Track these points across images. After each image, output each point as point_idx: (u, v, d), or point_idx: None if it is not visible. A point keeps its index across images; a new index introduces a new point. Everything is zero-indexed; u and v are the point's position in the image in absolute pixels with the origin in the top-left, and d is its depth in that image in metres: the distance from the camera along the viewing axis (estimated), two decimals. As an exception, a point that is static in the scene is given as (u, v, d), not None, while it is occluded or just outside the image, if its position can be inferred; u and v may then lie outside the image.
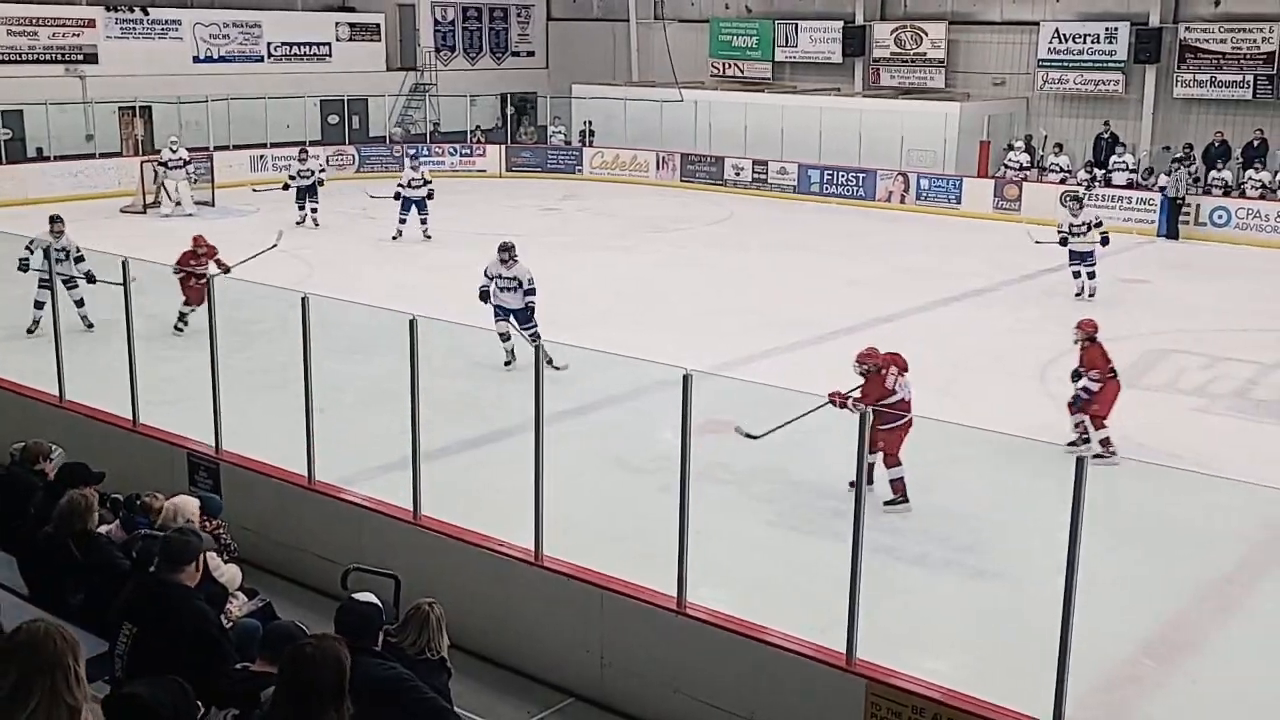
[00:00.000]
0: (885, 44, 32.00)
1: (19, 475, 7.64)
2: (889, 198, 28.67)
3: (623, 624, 7.44)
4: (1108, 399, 11.55)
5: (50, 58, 28.53)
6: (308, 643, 4.00)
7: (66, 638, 3.08)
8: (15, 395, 11.07)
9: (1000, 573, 9.27)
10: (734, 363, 14.02)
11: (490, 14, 37.41)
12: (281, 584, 8.52)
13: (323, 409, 8.95)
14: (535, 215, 26.77)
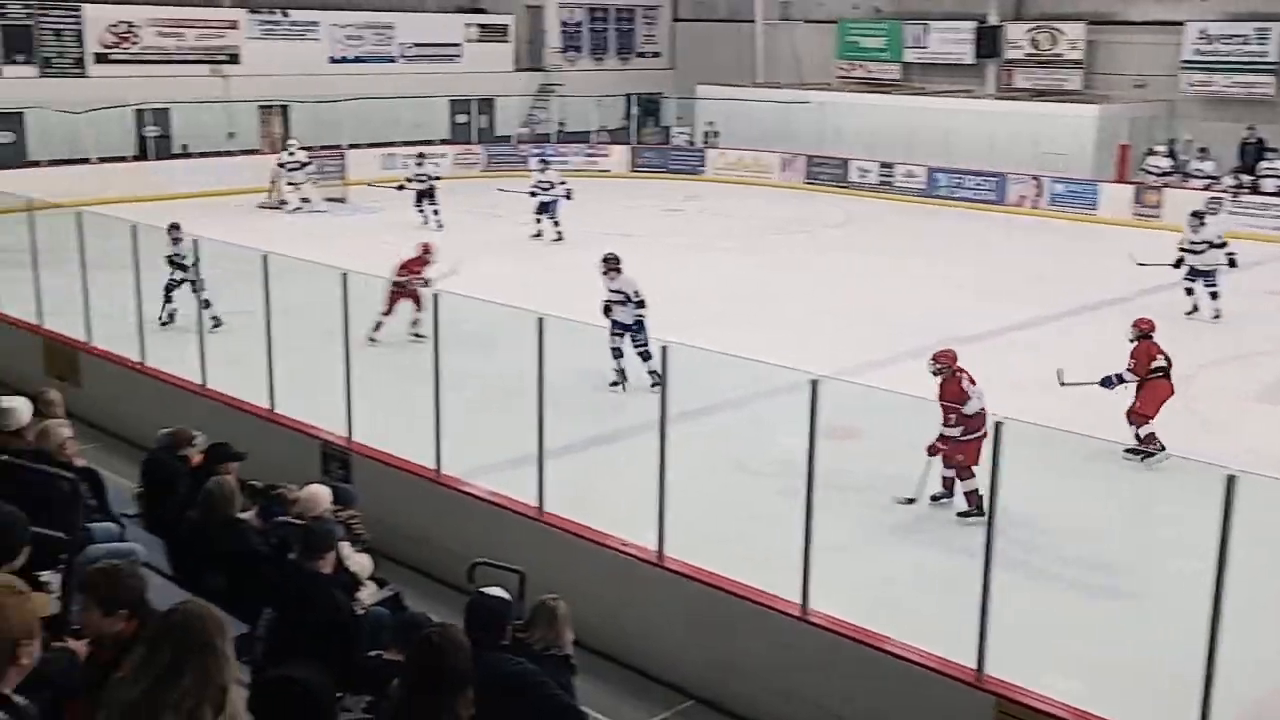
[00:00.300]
0: (1020, 45, 31.33)
1: (165, 460, 7.92)
2: (1021, 202, 28.03)
3: (744, 628, 7.42)
4: (1150, 398, 11.47)
5: (195, 58, 29.52)
6: (434, 631, 4.07)
7: (216, 619, 3.17)
8: (161, 382, 11.48)
9: (1134, 592, 9.01)
10: (856, 368, 13.85)
11: (617, 15, 37.62)
12: (408, 574, 8.68)
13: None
14: (657, 216, 26.84)
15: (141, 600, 3.93)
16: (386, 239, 22.41)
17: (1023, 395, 13.08)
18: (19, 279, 13.19)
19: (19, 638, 2.92)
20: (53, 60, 27.44)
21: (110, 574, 3.98)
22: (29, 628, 2.96)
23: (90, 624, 3.93)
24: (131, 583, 3.96)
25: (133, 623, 3.85)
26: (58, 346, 12.64)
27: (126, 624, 3.86)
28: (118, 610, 3.85)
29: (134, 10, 28.70)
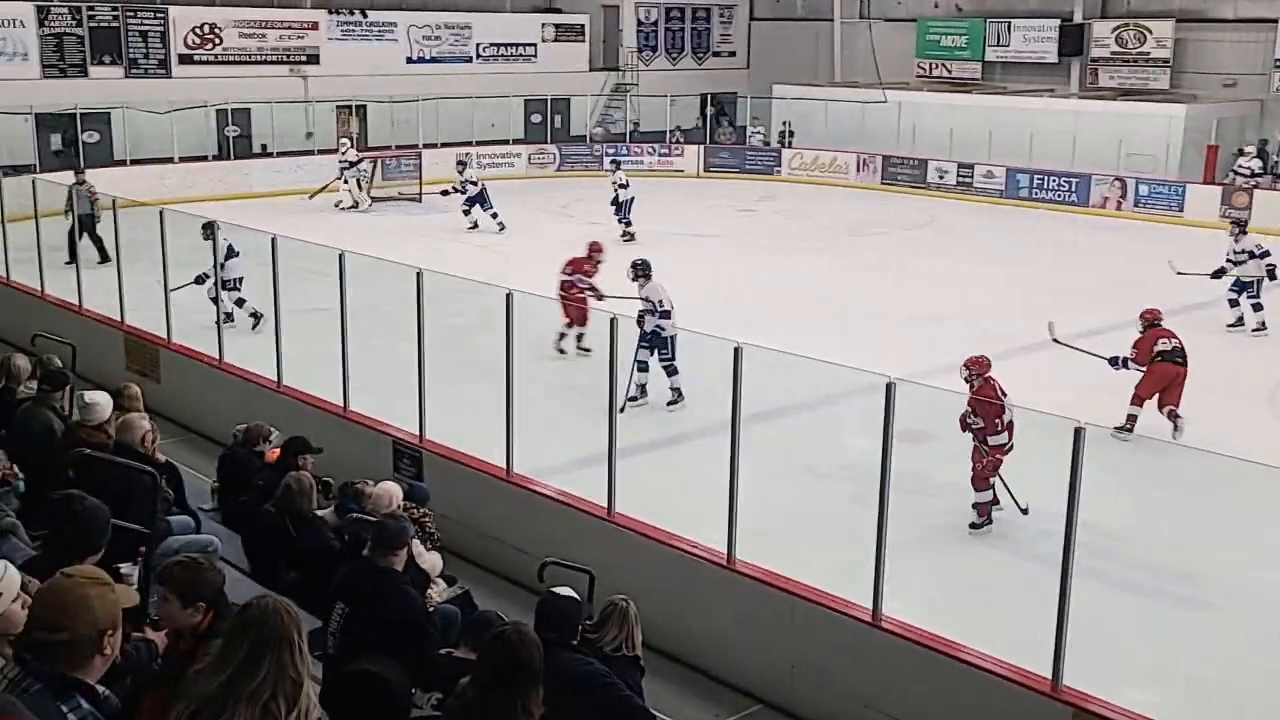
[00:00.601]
0: (1105, 43, 30.78)
1: (241, 455, 8.03)
2: (1104, 204, 27.51)
3: (814, 633, 7.34)
4: (1150, 380, 12.31)
5: (276, 59, 29.98)
6: (509, 628, 4.08)
7: (293, 614, 3.21)
8: (238, 379, 11.65)
9: (1215, 603, 8.78)
10: (930, 371, 13.55)
11: (693, 14, 37.55)
12: (478, 572, 8.71)
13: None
14: (731, 216, 26.75)
15: (219, 594, 4.01)
16: (459, 239, 22.63)
17: (1102, 402, 12.86)
18: (103, 275, 13.47)
19: (105, 629, 2.98)
20: (139, 61, 28.02)
21: (189, 567, 4.05)
22: (114, 619, 3.02)
23: (169, 616, 4.01)
24: (210, 576, 4.03)
25: (209, 615, 3.92)
26: (138, 342, 12.88)
27: (204, 616, 3.93)
28: (196, 603, 3.93)
29: (218, 12, 29.23)
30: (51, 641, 2.91)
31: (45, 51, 26.68)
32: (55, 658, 2.90)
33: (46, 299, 14.36)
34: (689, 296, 17.82)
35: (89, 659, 2.95)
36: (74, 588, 2.98)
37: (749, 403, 7.81)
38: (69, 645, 2.91)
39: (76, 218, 18.09)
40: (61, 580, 3.03)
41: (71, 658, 2.92)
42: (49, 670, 2.89)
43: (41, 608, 2.97)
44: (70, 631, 2.91)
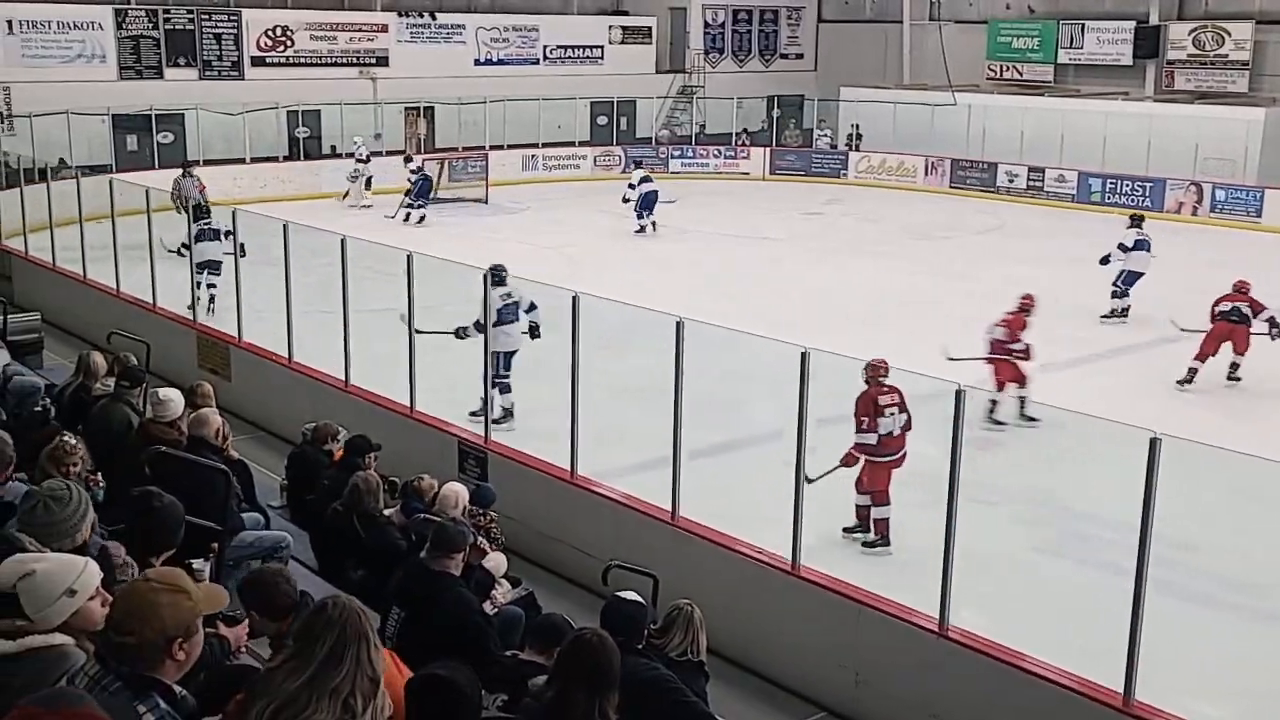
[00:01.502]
0: (1182, 45, 30.22)
1: (310, 454, 8.12)
2: (1179, 209, 27.00)
3: (880, 641, 7.28)
4: (1210, 339, 14.16)
5: (346, 61, 30.32)
6: (588, 632, 4.10)
7: (367, 614, 3.26)
8: (307, 377, 11.79)
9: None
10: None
11: (761, 16, 37.43)
12: (541, 574, 8.74)
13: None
14: (797, 219, 26.60)
15: (296, 602, 4.17)
16: (524, 240, 22.75)
17: (1180, 408, 12.66)
18: (177, 275, 13.70)
19: (174, 636, 3.00)
20: (212, 63, 28.48)
21: (267, 582, 4.28)
22: (184, 626, 3.04)
23: (255, 626, 4.23)
24: (286, 588, 4.29)
25: (288, 619, 4.10)
26: (210, 340, 13.08)
27: (284, 622, 4.11)
28: (281, 617, 4.16)
29: (290, 15, 29.61)
30: (121, 644, 2.95)
31: (122, 53, 27.21)
32: (128, 659, 2.95)
33: (122, 297, 14.64)
34: (753, 300, 17.84)
35: (160, 663, 2.99)
36: (145, 593, 3.02)
37: (817, 407, 7.76)
38: (136, 649, 2.95)
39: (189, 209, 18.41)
40: (137, 584, 3.08)
41: (140, 661, 2.96)
42: (128, 670, 2.93)
43: (116, 609, 3.01)
44: (137, 636, 2.95)
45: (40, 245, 17.16)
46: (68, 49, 26.48)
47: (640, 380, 10.04)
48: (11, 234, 18.22)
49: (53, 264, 16.52)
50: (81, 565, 3.26)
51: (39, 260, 17.01)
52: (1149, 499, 6.06)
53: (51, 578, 3.18)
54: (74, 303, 15.63)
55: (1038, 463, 11.50)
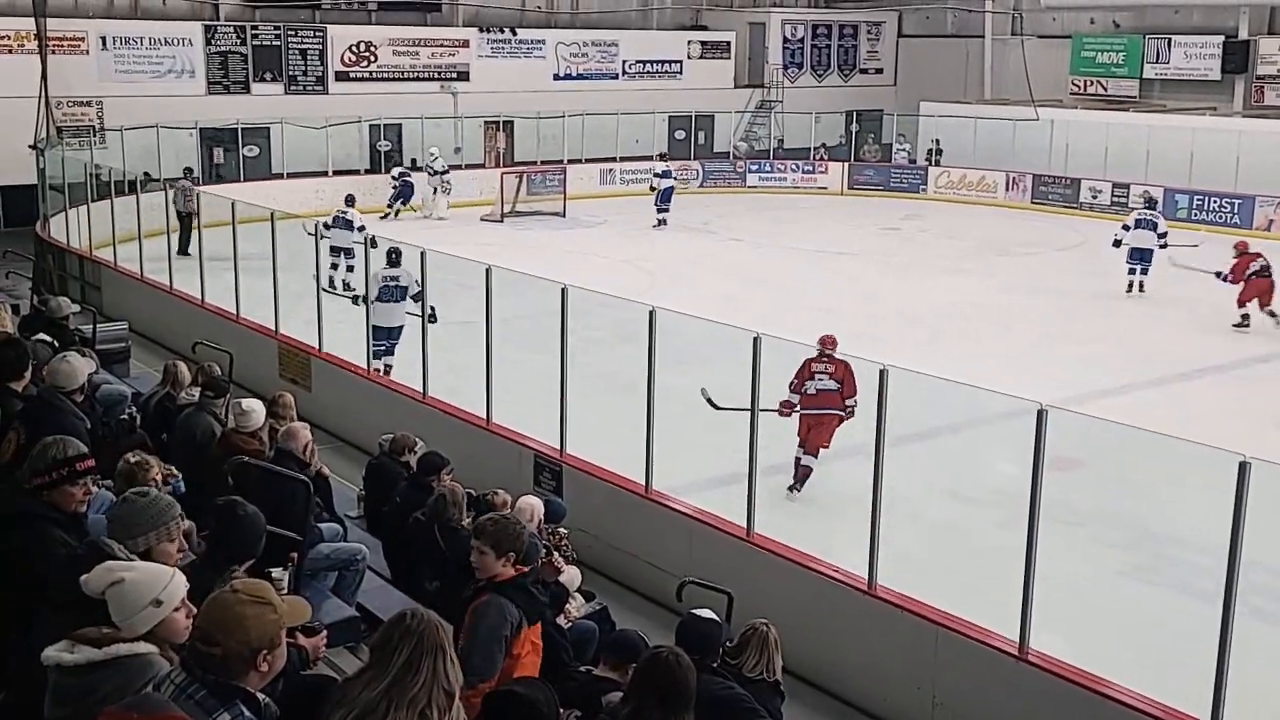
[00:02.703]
0: (1273, 60, 29.63)
1: (387, 465, 8.19)
2: (1269, 226, 26.36)
3: (957, 664, 7.16)
4: (1247, 291, 17.62)
5: (428, 76, 30.70)
6: (666, 650, 4.08)
7: (445, 626, 3.28)
8: (385, 389, 11.92)
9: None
10: (1081, 397, 13.23)
11: (840, 31, 37.27)
12: (615, 588, 8.73)
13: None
14: (875, 235, 26.40)
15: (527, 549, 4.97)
16: (602, 253, 22.83)
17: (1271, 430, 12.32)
18: (258, 285, 13.92)
19: (259, 648, 3.04)
20: (297, 78, 29.01)
21: (500, 523, 4.99)
22: (269, 638, 3.06)
23: (485, 566, 4.88)
24: (518, 530, 5.01)
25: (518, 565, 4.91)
26: (291, 351, 13.27)
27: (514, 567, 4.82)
28: (507, 553, 4.85)
29: (374, 31, 30.07)
30: (207, 654, 2.99)
31: (211, 69, 27.83)
32: (214, 668, 2.99)
33: (206, 307, 14.92)
34: (831, 316, 17.71)
35: (244, 674, 3.03)
36: (232, 604, 3.05)
37: (895, 425, 7.67)
38: (221, 659, 2.98)
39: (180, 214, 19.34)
40: (224, 595, 3.11)
41: (225, 671, 3.00)
42: (214, 679, 2.97)
43: (202, 620, 3.06)
44: (223, 647, 2.98)
45: (129, 256, 17.57)
46: (158, 64, 27.16)
47: (721, 395, 9.99)
48: (101, 245, 18.67)
49: (140, 274, 16.90)
50: (169, 576, 3.31)
51: (127, 271, 17.41)
52: (1238, 524, 5.89)
53: (139, 587, 3.23)
54: (161, 313, 15.97)
55: (1123, 484, 11.27)
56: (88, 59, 26.17)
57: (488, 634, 4.77)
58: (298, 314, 13.51)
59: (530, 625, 4.91)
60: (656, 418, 9.14)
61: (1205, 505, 8.76)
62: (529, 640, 4.93)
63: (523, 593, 4.95)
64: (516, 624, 4.87)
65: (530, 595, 5.01)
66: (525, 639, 4.89)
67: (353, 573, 6.67)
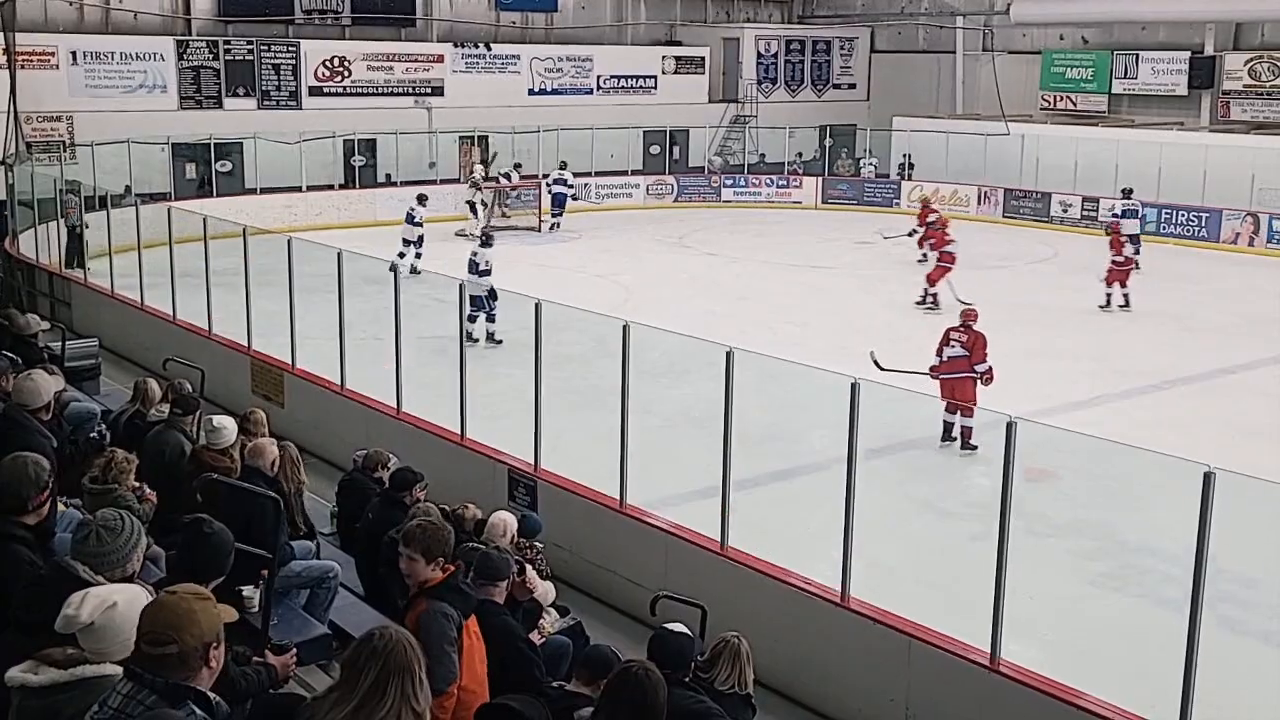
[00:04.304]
0: (1238, 75, 29.94)
1: (359, 481, 8.15)
2: (1235, 240, 26.66)
3: (931, 675, 7.19)
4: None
5: (402, 90, 30.65)
6: (636, 665, 4.07)
7: (414, 645, 3.24)
8: (359, 404, 11.87)
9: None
10: (1056, 409, 13.34)
11: (814, 47, 37.46)
12: (589, 602, 8.72)
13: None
14: (849, 249, 26.49)
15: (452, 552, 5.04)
16: (578, 268, 22.83)
17: (1250, 443, 12.43)
18: (232, 301, 13.86)
19: (209, 641, 3.08)
20: (271, 93, 28.91)
21: (428, 529, 5.03)
22: (217, 632, 3.12)
23: (413, 572, 4.95)
24: (446, 535, 5.10)
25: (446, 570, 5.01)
26: (264, 367, 13.21)
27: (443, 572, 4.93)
28: (436, 559, 4.96)
29: (347, 46, 30.02)
30: (161, 655, 3.00)
31: (183, 84, 27.67)
32: (167, 669, 3.00)
33: (178, 324, 14.84)
34: (807, 330, 17.79)
35: (198, 670, 3.05)
36: (179, 603, 3.08)
37: (869, 438, 7.71)
38: (178, 657, 3.00)
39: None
40: (166, 598, 3.13)
41: (181, 669, 3.01)
42: (163, 681, 2.98)
43: (149, 624, 3.06)
44: (180, 644, 3.00)
45: (99, 272, 17.47)
46: (130, 79, 26.96)
47: (695, 409, 10.02)
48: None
49: (111, 290, 16.80)
50: (146, 599, 3.31)
51: (98, 287, 17.30)
52: (1203, 533, 5.95)
53: (133, 609, 3.24)
54: (131, 329, 15.87)
55: (1095, 495, 11.35)
56: (58, 74, 25.93)
57: (439, 641, 4.82)
58: (272, 330, 13.46)
59: (466, 620, 5.00)
60: (635, 431, 9.14)
61: (1175, 515, 8.83)
62: (470, 634, 5.03)
63: (454, 592, 5.02)
64: (459, 624, 4.92)
65: (462, 593, 5.08)
66: (467, 633, 5.00)
67: (324, 590, 6.64)
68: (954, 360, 12.63)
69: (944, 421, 12.58)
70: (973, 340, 12.61)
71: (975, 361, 12.48)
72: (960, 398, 12.33)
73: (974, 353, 12.50)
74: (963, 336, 12.67)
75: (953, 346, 12.68)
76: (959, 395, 12.41)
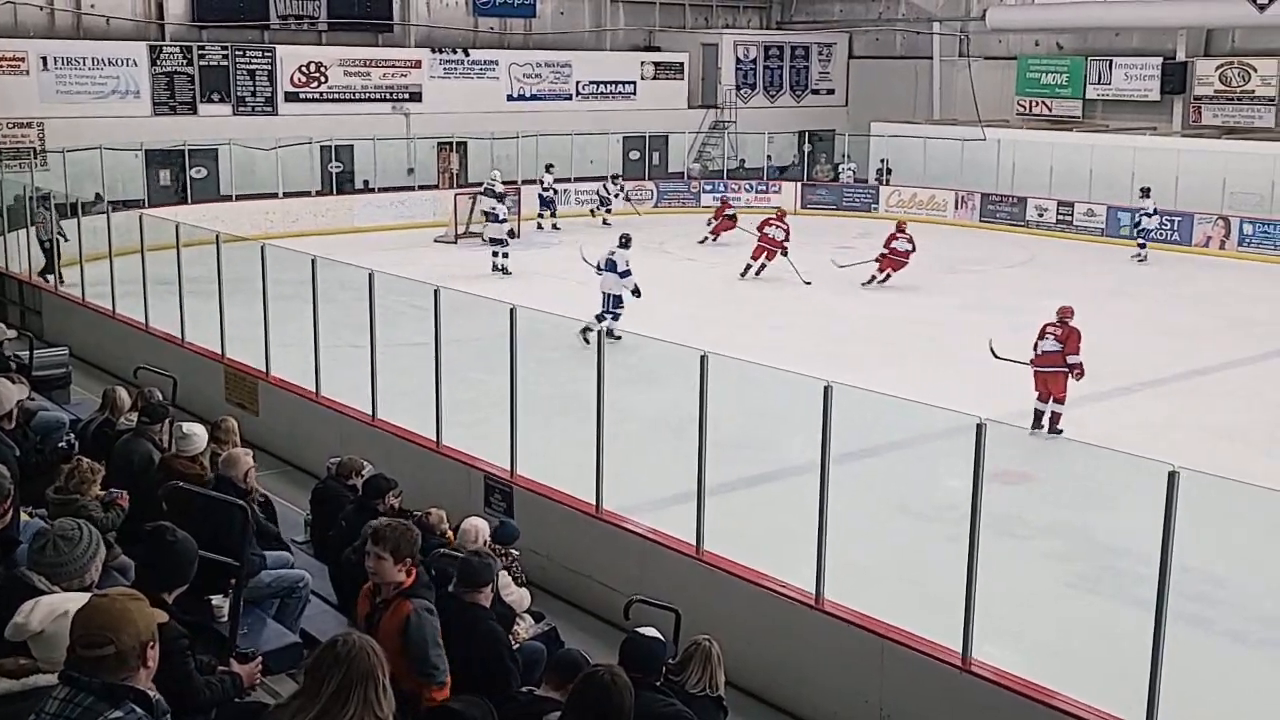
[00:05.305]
0: (1209, 81, 30.20)
1: (333, 489, 8.12)
2: (1207, 243, 26.90)
3: (904, 676, 7.21)
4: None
5: (379, 96, 30.58)
6: (602, 670, 4.07)
7: (378, 652, 3.24)
8: (334, 412, 11.82)
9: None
10: (1029, 412, 13.42)
11: (792, 52, 37.57)
12: (566, 608, 8.70)
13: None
14: (828, 253, 26.51)
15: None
16: (557, 274, 22.81)
17: (1222, 443, 12.52)
18: (205, 309, 13.79)
19: (145, 640, 3.08)
20: (246, 99, 28.80)
21: (396, 528, 5.08)
22: (152, 631, 3.12)
23: (381, 572, 5.03)
24: (414, 536, 5.14)
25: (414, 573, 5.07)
26: (238, 375, 13.15)
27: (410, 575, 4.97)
28: (404, 559, 5.01)
29: (324, 51, 29.94)
30: (98, 656, 2.99)
31: (157, 89, 27.52)
32: (105, 670, 2.99)
33: (151, 332, 14.74)
34: (784, 333, 17.81)
35: (136, 670, 3.05)
36: (113, 604, 3.09)
37: (845, 441, 7.73)
38: (116, 658, 3.00)
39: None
40: (99, 600, 3.13)
41: (118, 670, 3.01)
42: (100, 682, 2.97)
43: (83, 626, 3.06)
44: (117, 644, 3.00)
45: (70, 280, 17.35)
46: (102, 85, 26.79)
47: (674, 414, 10.01)
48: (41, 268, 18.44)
49: (82, 299, 16.69)
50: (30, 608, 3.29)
51: (68, 295, 17.19)
52: (1168, 532, 5.99)
53: None
54: (103, 338, 15.77)
55: (1069, 496, 11.40)
56: (28, 79, 25.75)
57: (433, 640, 4.97)
58: (246, 337, 13.39)
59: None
60: (614, 437, 9.13)
61: (1147, 515, 8.89)
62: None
63: (429, 590, 5.15)
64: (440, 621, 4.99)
65: (432, 593, 5.22)
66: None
67: (295, 599, 6.61)
68: (1048, 354, 13.25)
69: (1035, 409, 13.24)
70: (1066, 334, 13.28)
71: (1069, 353, 13.14)
72: (1053, 389, 13.15)
73: (1067, 345, 13.18)
74: (1057, 331, 13.33)
75: (1047, 340, 13.32)
76: (1052, 387, 13.17)
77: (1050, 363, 13.27)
